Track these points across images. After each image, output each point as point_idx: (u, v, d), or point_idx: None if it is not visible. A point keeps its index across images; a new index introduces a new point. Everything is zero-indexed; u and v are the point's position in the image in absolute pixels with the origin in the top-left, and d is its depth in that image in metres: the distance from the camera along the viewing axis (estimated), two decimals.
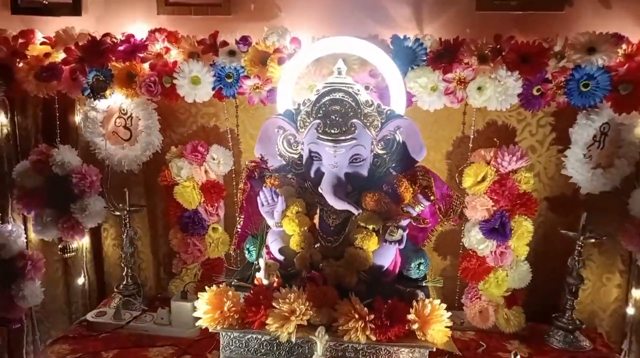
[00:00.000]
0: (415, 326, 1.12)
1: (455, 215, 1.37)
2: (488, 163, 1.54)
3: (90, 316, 1.62)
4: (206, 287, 1.21)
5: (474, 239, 1.54)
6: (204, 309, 1.19)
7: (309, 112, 1.29)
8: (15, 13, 1.74)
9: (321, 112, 1.27)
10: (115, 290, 1.75)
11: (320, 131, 1.26)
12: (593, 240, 1.51)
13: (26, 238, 1.75)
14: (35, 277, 1.71)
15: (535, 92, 1.46)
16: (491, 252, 1.54)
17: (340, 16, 1.61)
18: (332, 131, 1.25)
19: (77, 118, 1.76)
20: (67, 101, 1.74)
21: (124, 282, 1.73)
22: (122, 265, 1.72)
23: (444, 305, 1.15)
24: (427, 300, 1.16)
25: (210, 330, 1.19)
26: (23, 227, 1.76)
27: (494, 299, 1.57)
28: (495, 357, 1.45)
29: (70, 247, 1.77)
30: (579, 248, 1.51)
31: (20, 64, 1.63)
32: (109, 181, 1.75)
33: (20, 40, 1.64)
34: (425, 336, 1.12)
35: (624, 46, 1.43)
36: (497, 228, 1.53)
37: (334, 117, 1.26)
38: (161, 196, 1.80)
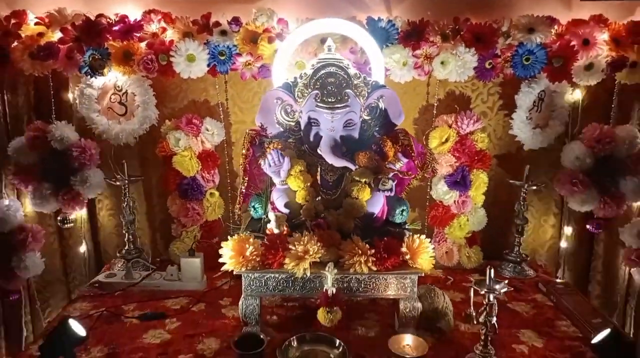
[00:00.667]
0: (407, 257, 1.38)
1: (429, 169, 1.64)
2: (450, 126, 1.82)
3: (101, 277, 1.75)
4: (233, 234, 1.40)
5: (440, 191, 1.83)
6: (229, 255, 1.38)
7: (307, 84, 1.49)
8: None
9: (318, 83, 1.48)
10: (117, 254, 1.88)
11: (318, 100, 1.47)
12: (534, 188, 1.85)
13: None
14: (35, 248, 1.80)
15: (487, 66, 1.74)
16: (454, 201, 1.84)
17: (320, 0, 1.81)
18: (329, 100, 1.46)
19: (71, 95, 1.84)
20: (60, 79, 1.82)
21: (126, 248, 1.86)
22: (124, 231, 1.85)
23: (428, 239, 1.42)
24: (415, 236, 1.42)
25: (234, 273, 1.38)
26: (19, 202, 1.84)
27: (457, 241, 1.88)
28: (461, 287, 1.75)
29: (69, 218, 1.87)
30: (524, 194, 1.84)
31: (15, 44, 1.70)
32: (104, 154, 1.86)
33: (13, 21, 1.70)
34: (415, 264, 1.38)
35: (556, 27, 1.74)
36: (459, 181, 1.82)
37: (330, 88, 1.47)
38: (154, 167, 1.94)
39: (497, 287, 1.26)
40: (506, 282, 1.28)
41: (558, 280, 1.87)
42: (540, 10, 1.75)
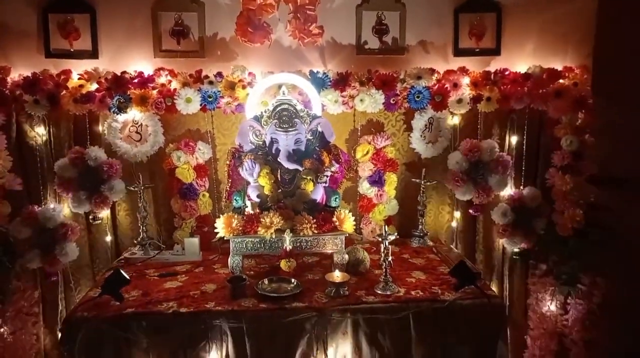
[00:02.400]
0: (337, 223, 2.15)
1: (353, 170, 2.44)
2: (369, 143, 2.63)
3: (126, 255, 2.44)
4: (221, 216, 2.14)
5: (365, 187, 2.63)
6: (221, 227, 2.11)
7: (269, 116, 2.27)
8: (47, 57, 2.49)
9: (277, 116, 2.26)
10: (135, 242, 2.56)
11: (277, 126, 2.25)
12: (429, 183, 2.66)
13: None
14: (72, 239, 2.46)
15: (392, 101, 2.55)
16: (375, 194, 2.64)
17: (277, 58, 2.55)
18: (284, 126, 2.25)
19: (101, 127, 2.55)
20: (93, 116, 2.53)
21: (140, 236, 2.54)
22: (139, 224, 2.53)
23: (350, 213, 2.19)
24: (342, 211, 2.19)
25: (225, 238, 2.11)
26: (60, 205, 2.50)
27: (378, 222, 2.66)
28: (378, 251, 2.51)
29: (98, 217, 2.55)
30: (422, 189, 2.65)
31: (63, 93, 2.41)
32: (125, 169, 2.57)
33: (62, 77, 2.42)
34: (342, 228, 2.15)
35: (436, 75, 2.57)
36: (377, 180, 2.62)
37: (284, 118, 2.25)
38: (161, 178, 2.65)
39: (389, 236, 2.04)
40: (395, 233, 2.06)
41: (445, 247, 2.67)
42: (426, 64, 2.60)
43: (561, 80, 2.55)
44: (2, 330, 2.29)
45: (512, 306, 2.78)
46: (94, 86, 2.43)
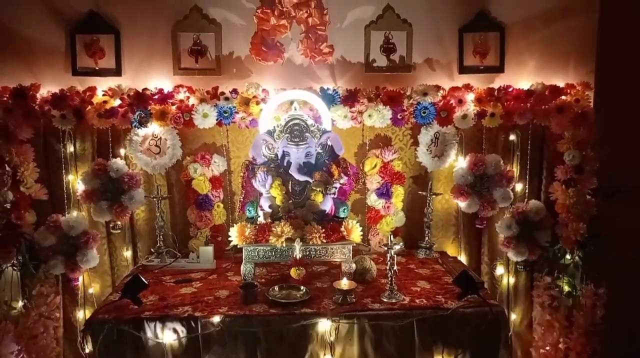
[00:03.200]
0: (344, 233, 2.25)
1: (361, 183, 2.54)
2: (377, 157, 2.74)
3: (144, 262, 2.57)
4: (234, 225, 2.25)
5: (372, 199, 2.73)
6: (235, 235, 2.23)
7: (282, 131, 2.39)
8: (74, 75, 2.65)
9: (288, 130, 2.38)
10: (152, 250, 2.68)
11: (289, 140, 2.37)
12: (435, 196, 2.75)
13: None
14: (93, 246, 2.58)
15: (398, 117, 2.67)
16: (382, 206, 2.73)
17: (289, 75, 2.69)
18: (296, 140, 2.37)
19: (124, 141, 2.70)
20: (115, 130, 2.67)
21: (157, 245, 2.66)
22: (157, 233, 2.65)
23: (358, 224, 2.29)
24: (350, 221, 2.29)
25: (238, 246, 2.22)
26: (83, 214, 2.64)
27: (386, 233, 2.75)
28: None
29: (118, 226, 2.68)
30: (429, 201, 2.74)
31: (88, 108, 2.56)
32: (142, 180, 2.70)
33: (88, 93, 2.57)
34: (349, 238, 2.25)
35: (441, 91, 2.68)
36: (384, 193, 2.72)
37: (296, 133, 2.37)
38: (178, 189, 2.78)
39: (395, 246, 2.13)
40: (401, 243, 2.15)
41: (450, 258, 2.74)
42: (432, 81, 2.71)
43: (563, 97, 2.64)
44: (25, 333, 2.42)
45: (517, 317, 2.84)
46: (117, 102, 2.57)
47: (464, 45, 2.73)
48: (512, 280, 2.84)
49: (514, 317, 2.86)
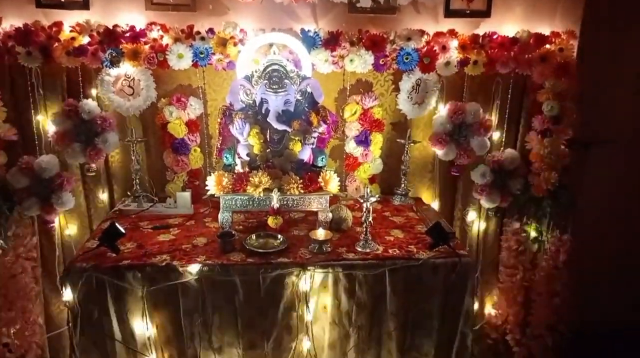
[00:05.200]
0: (322, 184, 2.26)
1: (340, 131, 2.52)
2: (357, 103, 2.70)
3: (120, 206, 2.56)
4: (211, 173, 2.24)
5: (351, 146, 2.73)
6: (212, 184, 2.22)
7: (260, 76, 2.31)
8: (38, 7, 2.46)
9: (267, 76, 2.30)
10: (128, 193, 2.67)
11: (267, 87, 2.30)
12: (413, 144, 2.76)
13: None
14: (68, 189, 2.55)
15: (381, 62, 2.60)
16: (360, 154, 2.73)
17: (268, 14, 2.54)
18: (274, 87, 2.30)
19: (95, 81, 2.58)
20: (86, 69, 2.55)
21: (134, 188, 2.64)
22: (132, 177, 2.63)
23: (336, 174, 2.30)
24: (327, 172, 2.29)
25: (215, 196, 2.22)
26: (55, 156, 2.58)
27: (363, 180, 2.78)
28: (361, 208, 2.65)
29: (92, 168, 2.63)
30: (407, 149, 2.75)
31: (55, 45, 2.42)
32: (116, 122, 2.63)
33: (54, 29, 2.42)
34: (327, 188, 2.26)
35: (425, 37, 2.61)
36: (363, 140, 2.71)
37: (274, 79, 2.30)
38: (153, 132, 2.72)
39: (371, 198, 2.16)
40: (377, 196, 2.18)
41: (425, 206, 2.80)
42: (417, 24, 2.62)
43: (547, 46, 2.60)
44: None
45: (484, 261, 2.97)
46: (85, 39, 2.44)
47: None
48: (482, 225, 2.94)
49: (481, 258, 2.98)
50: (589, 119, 2.71)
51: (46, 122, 2.55)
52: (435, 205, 2.92)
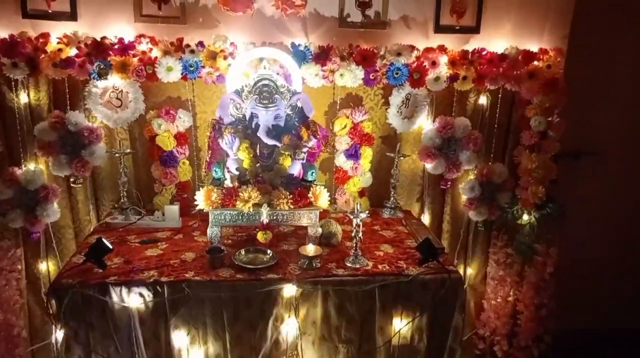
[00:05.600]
0: (312, 199, 2.26)
1: (330, 146, 2.52)
2: (347, 117, 2.70)
3: (107, 220, 2.53)
4: (200, 186, 2.22)
5: (341, 160, 2.73)
6: (201, 199, 2.20)
7: (250, 91, 2.30)
8: (25, 18, 2.43)
9: (257, 91, 2.29)
10: (115, 205, 2.64)
11: (257, 102, 2.29)
12: (402, 157, 2.77)
13: None
14: (53, 200, 2.51)
15: (371, 77, 2.60)
16: (350, 167, 2.74)
17: (259, 27, 2.54)
18: (264, 102, 2.29)
19: (82, 93, 2.55)
20: (73, 80, 2.52)
21: (121, 200, 2.62)
22: (120, 189, 2.60)
23: (325, 189, 2.30)
24: (318, 187, 2.29)
25: (204, 210, 2.21)
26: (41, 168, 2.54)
27: (353, 194, 2.78)
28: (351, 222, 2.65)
29: (78, 180, 2.60)
30: (396, 162, 2.76)
31: (42, 57, 2.39)
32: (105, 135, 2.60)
33: (41, 40, 2.39)
34: (317, 204, 2.26)
35: (415, 52, 2.62)
36: (353, 154, 2.71)
37: (264, 94, 2.29)
38: (141, 144, 2.70)
39: (361, 214, 2.16)
40: (367, 212, 2.19)
41: (414, 219, 2.81)
42: (407, 39, 2.63)
43: (536, 62, 2.63)
44: None
45: (473, 272, 2.99)
46: (73, 51, 2.41)
47: (441, 3, 2.63)
48: (471, 237, 2.95)
49: (470, 271, 3.00)
50: (577, 131, 2.76)
51: (32, 134, 2.50)
52: (424, 218, 2.93)
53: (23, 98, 2.48)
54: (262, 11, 2.56)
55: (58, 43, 2.40)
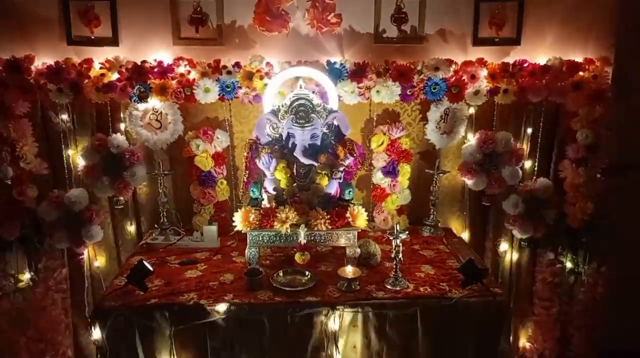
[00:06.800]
0: (350, 219, 2.22)
1: (367, 164, 2.48)
2: (384, 134, 2.66)
3: (148, 240, 2.56)
4: (237, 206, 2.22)
5: (379, 177, 2.68)
6: (239, 221, 2.20)
7: (286, 111, 2.30)
8: (69, 44, 2.52)
9: (293, 110, 2.29)
10: (155, 226, 2.67)
11: (293, 121, 2.29)
12: (442, 174, 2.70)
13: None
14: (97, 222, 2.57)
15: (408, 93, 2.56)
16: (388, 184, 2.69)
17: (295, 46, 2.55)
18: (301, 121, 2.28)
19: (122, 115, 2.61)
20: (115, 104, 2.59)
21: (161, 221, 2.65)
22: (160, 210, 2.63)
23: (363, 209, 2.26)
24: (355, 207, 2.25)
25: (242, 231, 2.21)
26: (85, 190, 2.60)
27: (391, 212, 2.73)
28: (390, 242, 2.59)
29: (121, 201, 2.65)
30: (436, 179, 2.69)
31: (85, 82, 2.46)
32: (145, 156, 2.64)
33: (84, 66, 2.47)
34: (355, 224, 2.22)
35: (453, 66, 2.57)
36: (390, 171, 2.67)
37: (301, 114, 2.28)
38: (180, 165, 2.73)
39: (401, 235, 2.11)
40: (407, 232, 2.13)
41: (455, 238, 2.73)
42: (444, 53, 2.59)
43: (581, 73, 2.53)
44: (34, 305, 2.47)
45: (518, 293, 2.87)
46: (115, 75, 2.47)
47: (479, 16, 2.58)
48: (515, 256, 2.85)
49: (515, 291, 2.89)
50: (626, 144, 2.62)
51: (76, 156, 2.58)
52: (465, 236, 2.85)
53: (68, 122, 2.55)
54: (297, 30, 2.56)
55: (101, 68, 2.47)
